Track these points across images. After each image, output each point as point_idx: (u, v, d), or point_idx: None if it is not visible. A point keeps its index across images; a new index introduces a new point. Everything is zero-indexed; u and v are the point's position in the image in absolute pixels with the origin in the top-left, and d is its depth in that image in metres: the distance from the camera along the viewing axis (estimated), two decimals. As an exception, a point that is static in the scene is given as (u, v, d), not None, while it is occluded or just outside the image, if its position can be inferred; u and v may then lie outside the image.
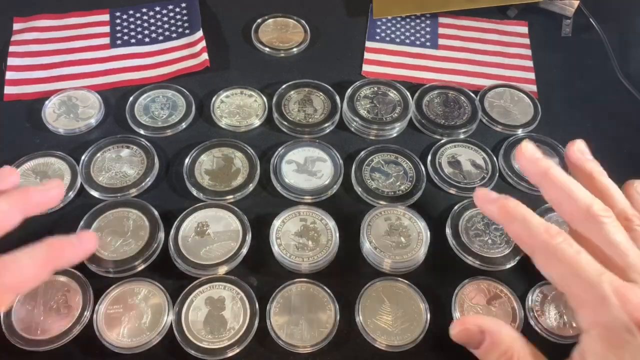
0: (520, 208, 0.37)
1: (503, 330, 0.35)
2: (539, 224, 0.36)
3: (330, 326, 0.42)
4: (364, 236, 0.46)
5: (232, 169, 0.50)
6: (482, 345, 0.35)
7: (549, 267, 0.35)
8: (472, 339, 0.35)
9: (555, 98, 0.58)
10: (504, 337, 0.35)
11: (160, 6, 0.63)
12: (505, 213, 0.37)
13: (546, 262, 0.35)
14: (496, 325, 0.35)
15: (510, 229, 0.37)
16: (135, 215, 0.46)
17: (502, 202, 0.38)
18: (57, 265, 0.36)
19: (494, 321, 0.36)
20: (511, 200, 0.38)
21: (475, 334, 0.35)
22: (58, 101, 0.54)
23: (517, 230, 0.37)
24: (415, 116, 0.54)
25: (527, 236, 0.36)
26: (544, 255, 0.35)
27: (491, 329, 0.35)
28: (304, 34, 0.61)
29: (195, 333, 0.41)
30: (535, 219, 0.36)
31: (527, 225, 0.36)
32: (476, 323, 0.35)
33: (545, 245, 0.35)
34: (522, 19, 0.64)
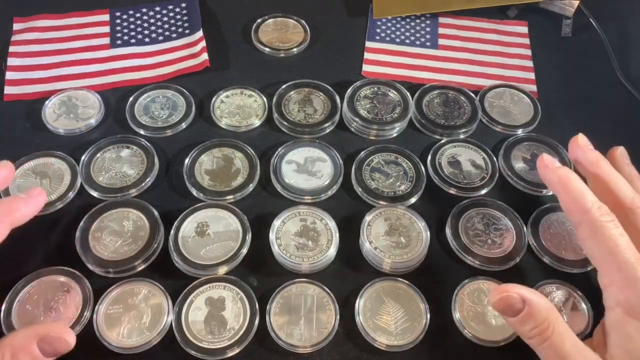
0: (579, 184, 0.40)
1: (542, 302, 0.36)
2: (594, 201, 0.38)
3: (330, 326, 0.42)
4: (364, 236, 0.46)
5: (232, 169, 0.50)
6: (520, 314, 0.35)
7: (591, 240, 0.38)
8: (512, 307, 0.36)
9: (555, 98, 0.58)
10: (542, 309, 0.35)
11: (160, 6, 0.63)
12: (562, 185, 0.40)
13: (590, 235, 0.38)
14: (535, 296, 0.36)
15: (563, 200, 0.40)
16: (135, 215, 0.46)
17: (563, 174, 0.41)
18: (12, 219, 0.40)
19: (533, 292, 0.36)
20: (572, 175, 0.41)
21: (515, 303, 0.35)
22: (58, 101, 0.54)
23: (569, 203, 0.40)
24: (415, 116, 0.54)
25: (579, 209, 0.39)
26: (589, 228, 0.38)
27: (531, 299, 0.35)
28: (304, 34, 0.61)
29: (195, 333, 0.41)
30: (591, 195, 0.39)
31: (581, 199, 0.39)
32: (518, 292, 0.35)
33: (594, 220, 0.37)
34: (522, 19, 0.64)
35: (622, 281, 0.35)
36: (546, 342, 0.35)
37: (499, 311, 0.37)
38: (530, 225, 0.48)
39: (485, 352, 0.42)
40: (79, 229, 0.45)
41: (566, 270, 0.45)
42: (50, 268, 0.43)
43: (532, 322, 0.35)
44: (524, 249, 0.46)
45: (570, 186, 0.40)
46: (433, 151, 0.52)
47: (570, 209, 0.40)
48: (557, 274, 0.45)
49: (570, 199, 0.40)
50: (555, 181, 0.41)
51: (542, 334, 0.35)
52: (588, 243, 0.38)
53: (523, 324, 0.35)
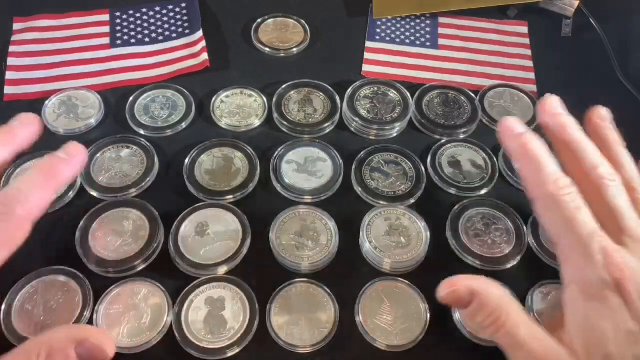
0: (540, 151, 0.37)
1: (491, 290, 0.34)
2: (551, 173, 0.36)
3: (330, 326, 0.42)
4: (364, 236, 0.46)
5: (232, 169, 0.50)
6: (470, 306, 0.34)
7: (547, 215, 0.36)
8: (461, 300, 0.35)
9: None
10: (492, 298, 0.34)
11: (160, 6, 0.63)
12: (522, 151, 0.37)
13: (545, 210, 0.36)
14: (485, 285, 0.34)
15: (522, 169, 0.37)
16: (135, 215, 0.46)
17: (524, 140, 0.37)
18: (57, 183, 0.38)
19: (483, 281, 0.35)
20: (535, 140, 0.37)
21: (464, 296, 0.34)
22: (58, 101, 0.54)
23: (527, 172, 0.37)
24: (415, 116, 0.54)
25: (536, 181, 0.36)
26: (544, 203, 0.35)
27: (480, 289, 0.34)
28: (304, 34, 0.61)
29: (195, 333, 0.41)
30: (550, 166, 0.36)
31: (539, 170, 0.36)
32: (465, 284, 0.34)
33: (549, 195, 0.35)
34: (522, 19, 0.64)
35: (576, 257, 0.34)
36: (500, 332, 0.33)
37: (449, 305, 0.35)
38: (530, 225, 0.48)
39: (485, 352, 0.42)
40: (79, 229, 0.45)
41: (566, 270, 0.45)
42: (50, 268, 0.43)
43: (483, 313, 0.34)
44: (524, 249, 0.46)
45: (530, 155, 0.37)
46: (433, 151, 0.52)
47: (527, 181, 0.37)
48: (557, 274, 0.45)
49: (527, 170, 0.37)
50: (514, 149, 0.38)
51: (495, 323, 0.33)
52: (544, 218, 0.36)
53: (475, 316, 0.34)
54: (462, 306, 0.35)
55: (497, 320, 0.33)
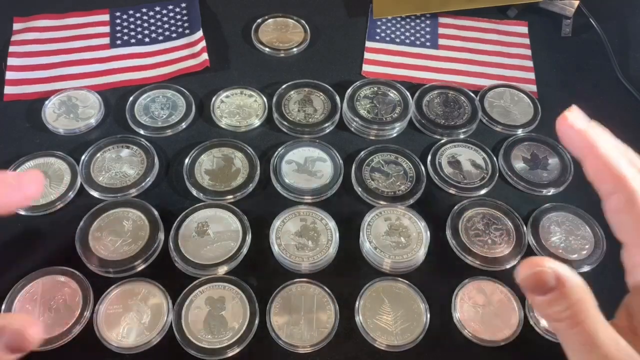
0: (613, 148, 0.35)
1: (577, 280, 0.31)
2: (631, 168, 0.33)
3: (330, 326, 0.42)
4: (364, 236, 0.46)
5: (232, 169, 0.50)
6: (550, 294, 0.31)
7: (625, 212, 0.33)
8: (543, 285, 0.30)
9: (555, 98, 0.58)
10: (577, 288, 0.30)
11: (160, 6, 0.63)
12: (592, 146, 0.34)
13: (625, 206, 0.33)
14: (570, 273, 0.31)
15: (592, 164, 0.34)
16: (135, 215, 0.46)
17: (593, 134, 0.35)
18: None
19: (566, 268, 0.31)
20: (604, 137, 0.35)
21: (549, 280, 0.30)
22: (58, 101, 0.54)
23: (600, 167, 0.34)
24: (415, 116, 0.54)
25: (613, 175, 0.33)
26: (625, 198, 0.32)
27: (565, 276, 0.30)
28: (304, 34, 0.61)
29: (195, 333, 0.41)
30: (627, 162, 0.34)
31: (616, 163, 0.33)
32: (552, 267, 0.30)
33: (632, 190, 0.32)
34: (522, 19, 0.64)
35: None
36: (577, 327, 0.30)
37: (526, 288, 0.31)
38: (530, 225, 0.48)
39: (485, 352, 0.42)
40: (79, 229, 0.45)
41: (566, 270, 0.45)
42: (50, 268, 0.43)
43: (564, 303, 0.30)
44: (524, 249, 0.46)
45: (602, 149, 0.34)
46: (433, 151, 0.52)
47: (601, 176, 0.34)
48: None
49: (600, 164, 0.34)
50: (582, 144, 0.35)
51: (574, 317, 0.30)
52: (621, 216, 0.33)
53: (553, 305, 0.30)
54: (541, 292, 0.31)
55: (577, 314, 0.30)
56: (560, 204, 0.49)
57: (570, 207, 0.49)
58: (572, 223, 0.48)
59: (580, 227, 0.48)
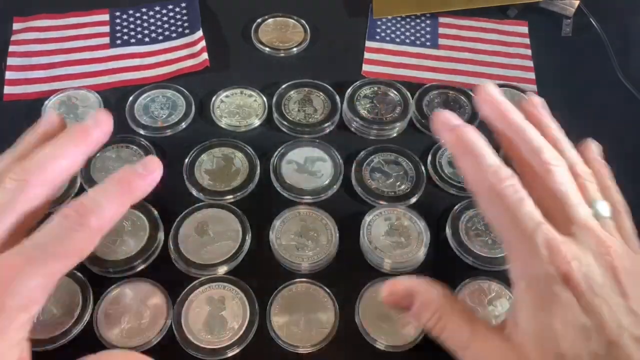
0: (478, 142, 0.34)
1: (431, 290, 0.34)
2: (491, 164, 0.33)
3: (330, 326, 0.42)
4: (364, 236, 0.46)
5: (232, 169, 0.50)
6: (413, 308, 0.34)
7: (490, 210, 0.34)
8: (402, 302, 0.34)
9: (555, 98, 0.57)
10: (433, 297, 0.33)
11: (160, 6, 0.63)
12: (460, 145, 0.35)
13: (488, 205, 0.34)
14: (424, 285, 0.34)
15: (460, 163, 0.35)
16: (135, 215, 0.46)
17: (460, 132, 0.35)
18: (132, 198, 0.36)
19: (422, 281, 0.34)
20: (471, 132, 0.35)
21: (404, 297, 0.34)
22: (58, 101, 0.54)
23: (466, 166, 0.35)
24: (416, 116, 0.54)
25: (475, 174, 0.34)
26: (486, 196, 0.33)
27: (419, 289, 0.34)
28: (304, 34, 0.61)
29: (195, 333, 0.41)
30: (490, 158, 0.34)
31: (478, 162, 0.33)
32: (404, 285, 0.34)
33: (490, 187, 0.33)
34: (522, 19, 0.64)
35: (523, 253, 0.32)
36: (445, 332, 0.32)
37: (392, 307, 0.35)
38: (530, 225, 0.48)
39: (485, 352, 0.42)
40: (79, 229, 0.45)
41: (566, 270, 0.45)
42: (50, 268, 0.43)
43: (426, 313, 0.33)
44: (524, 249, 0.46)
45: (467, 147, 0.34)
46: (433, 151, 0.52)
47: (467, 175, 0.35)
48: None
49: (467, 163, 0.34)
50: (451, 142, 0.35)
51: (439, 323, 0.32)
52: (487, 213, 0.34)
53: (419, 316, 0.33)
54: (404, 308, 0.34)
55: (440, 319, 0.33)
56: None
57: (570, 207, 0.49)
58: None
59: (580, 227, 0.48)
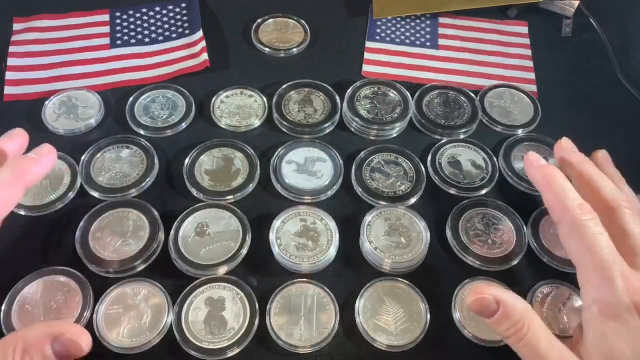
0: (563, 180, 0.41)
1: (516, 302, 0.36)
2: (575, 199, 0.39)
3: (330, 326, 0.42)
4: (364, 236, 0.46)
5: (232, 169, 0.50)
6: (495, 315, 0.36)
7: (570, 238, 0.38)
8: (486, 308, 0.36)
9: (555, 98, 0.58)
10: (516, 309, 0.36)
11: (160, 6, 0.63)
12: (546, 183, 0.41)
13: (569, 234, 0.38)
14: (510, 297, 0.36)
15: (547, 197, 0.41)
16: (135, 215, 0.46)
17: (548, 172, 0.41)
18: (26, 182, 0.40)
19: (508, 292, 0.37)
20: (557, 173, 0.41)
21: (489, 304, 0.36)
22: (58, 101, 0.54)
23: (552, 200, 0.40)
24: (415, 116, 0.54)
25: (561, 206, 0.39)
26: (569, 227, 0.38)
27: (505, 299, 0.36)
28: (304, 34, 0.61)
29: (195, 333, 0.41)
30: (573, 194, 0.39)
31: (564, 197, 0.39)
32: (491, 293, 0.36)
33: (573, 219, 0.38)
34: (522, 19, 0.64)
35: (597, 280, 0.36)
36: (522, 341, 0.35)
37: (475, 312, 0.37)
38: (530, 225, 0.48)
39: (485, 352, 0.42)
40: (79, 229, 0.45)
41: (566, 270, 0.45)
42: (50, 268, 0.43)
43: (508, 322, 0.36)
44: (524, 249, 0.46)
45: (554, 184, 0.40)
46: (433, 151, 0.52)
47: (552, 207, 0.40)
48: (557, 274, 0.45)
49: (552, 197, 0.40)
50: (539, 179, 0.42)
51: (518, 333, 0.35)
52: (567, 241, 0.39)
53: (499, 324, 0.36)
54: (487, 314, 0.37)
55: (519, 330, 0.35)
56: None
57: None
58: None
59: (580, 227, 0.48)
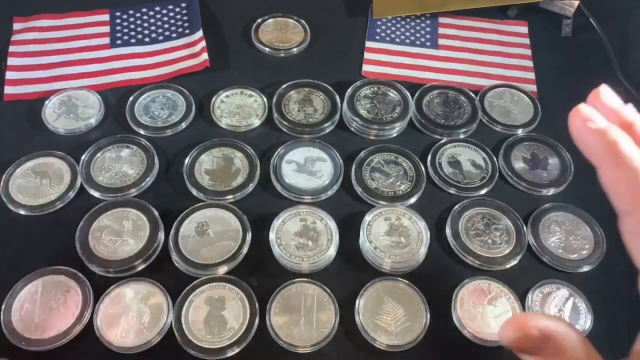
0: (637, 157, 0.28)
1: (571, 334, 0.28)
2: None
3: (330, 326, 0.42)
4: (364, 236, 0.46)
5: (232, 169, 0.50)
6: (544, 353, 0.28)
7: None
8: (532, 345, 0.28)
9: (555, 98, 0.58)
10: (572, 343, 0.28)
11: (160, 6, 0.63)
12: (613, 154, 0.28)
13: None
14: (560, 327, 0.28)
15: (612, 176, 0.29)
16: (135, 215, 0.46)
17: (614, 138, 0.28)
18: None
19: (556, 321, 0.29)
20: (628, 143, 0.28)
21: (536, 340, 0.28)
22: (58, 101, 0.54)
23: (621, 181, 0.28)
24: (415, 116, 0.54)
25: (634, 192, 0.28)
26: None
27: (556, 332, 0.28)
28: (304, 34, 0.61)
29: (195, 333, 0.41)
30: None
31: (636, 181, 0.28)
32: (538, 326, 0.28)
33: None
34: (522, 19, 0.64)
35: None
36: None
37: (515, 350, 0.29)
38: (530, 225, 0.48)
39: (485, 352, 0.42)
40: (79, 229, 0.45)
41: (566, 270, 0.45)
42: (50, 268, 0.43)
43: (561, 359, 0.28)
44: (524, 249, 0.46)
45: (626, 158, 0.28)
46: (433, 151, 0.52)
47: (620, 190, 0.28)
48: (557, 274, 0.45)
49: (621, 176, 0.28)
50: (600, 146, 0.29)
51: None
52: (637, 239, 0.28)
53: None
54: (532, 352, 0.29)
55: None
56: (560, 204, 0.49)
57: (570, 207, 0.49)
58: (572, 223, 0.48)
59: (580, 227, 0.48)
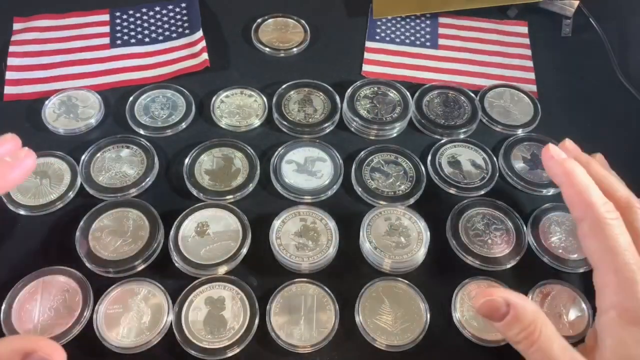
0: (585, 179, 0.38)
1: (527, 305, 0.35)
2: (599, 197, 0.37)
3: (330, 326, 0.42)
4: (364, 236, 0.46)
5: (232, 169, 0.50)
6: (506, 319, 0.35)
7: (592, 237, 0.37)
8: (496, 311, 0.35)
9: (555, 98, 0.58)
10: (528, 312, 0.34)
11: (160, 6, 0.63)
12: (568, 177, 0.39)
13: (590, 233, 0.37)
14: (520, 299, 0.35)
15: (568, 193, 0.39)
16: (135, 215, 0.46)
17: (570, 166, 0.39)
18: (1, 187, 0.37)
19: (518, 295, 0.35)
20: (579, 168, 0.39)
21: (499, 307, 0.35)
22: (58, 101, 0.54)
23: (573, 196, 0.38)
24: (415, 116, 0.54)
25: (583, 203, 0.37)
26: (592, 224, 0.37)
27: (516, 302, 0.34)
28: (304, 34, 0.61)
29: (195, 333, 0.41)
30: (597, 191, 0.38)
31: (587, 194, 0.37)
32: (502, 295, 0.35)
33: (598, 217, 0.36)
34: (522, 19, 0.64)
35: (618, 283, 0.34)
36: (534, 346, 0.34)
37: (483, 316, 0.35)
38: (530, 225, 0.48)
39: (485, 352, 0.42)
40: (79, 229, 0.45)
41: (566, 270, 0.45)
42: (50, 268, 0.43)
43: (518, 325, 0.34)
44: (524, 249, 0.46)
45: (576, 179, 0.38)
46: (433, 151, 0.52)
47: (574, 203, 0.38)
48: (557, 274, 0.45)
49: (574, 192, 0.38)
50: (560, 173, 0.40)
51: (529, 337, 0.34)
52: (588, 240, 0.37)
53: (509, 328, 0.35)
54: (497, 318, 0.35)
55: (531, 334, 0.34)
56: (560, 204, 0.49)
57: (570, 207, 0.49)
58: (572, 223, 0.48)
59: (580, 227, 0.48)
